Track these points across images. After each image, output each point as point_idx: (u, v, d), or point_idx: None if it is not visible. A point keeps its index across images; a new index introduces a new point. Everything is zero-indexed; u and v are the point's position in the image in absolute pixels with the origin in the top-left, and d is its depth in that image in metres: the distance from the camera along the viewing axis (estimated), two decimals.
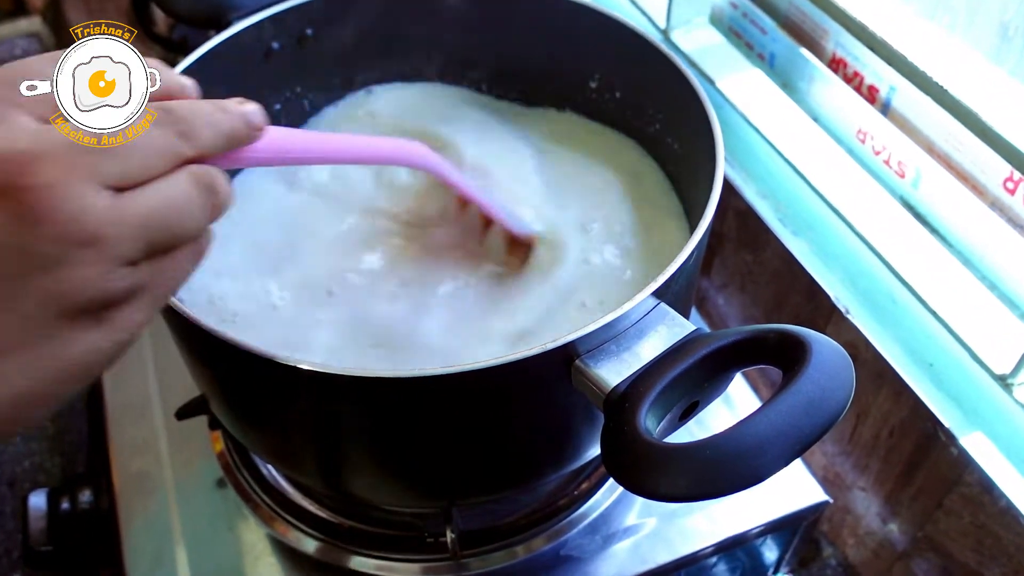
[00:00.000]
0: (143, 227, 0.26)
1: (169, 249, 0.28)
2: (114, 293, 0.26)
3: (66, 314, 0.26)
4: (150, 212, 0.26)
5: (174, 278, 0.29)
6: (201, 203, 0.28)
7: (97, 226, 0.25)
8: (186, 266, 0.29)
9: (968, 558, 0.55)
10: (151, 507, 0.57)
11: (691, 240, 0.40)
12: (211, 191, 0.29)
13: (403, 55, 0.62)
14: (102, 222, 0.25)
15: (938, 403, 0.54)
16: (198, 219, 0.28)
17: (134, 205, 0.26)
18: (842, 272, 0.61)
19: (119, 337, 0.27)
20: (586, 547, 0.54)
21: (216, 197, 0.29)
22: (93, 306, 0.26)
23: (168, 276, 0.28)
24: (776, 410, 0.32)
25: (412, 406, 0.39)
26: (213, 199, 0.29)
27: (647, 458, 0.32)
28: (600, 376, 0.37)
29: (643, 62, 0.53)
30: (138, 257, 0.26)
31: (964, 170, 0.56)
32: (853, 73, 0.63)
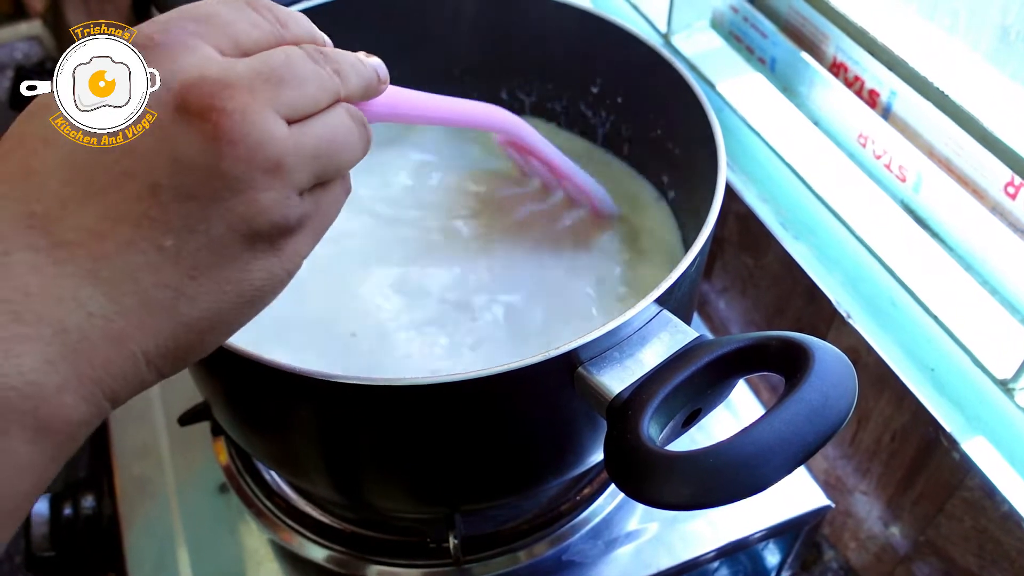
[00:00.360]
0: (314, 156, 0.28)
1: (329, 180, 0.30)
2: (290, 220, 0.28)
3: (250, 239, 0.27)
4: (319, 142, 0.28)
5: (330, 211, 0.30)
6: (358, 136, 0.30)
7: (281, 152, 0.26)
8: (339, 199, 0.31)
9: (970, 563, 0.55)
10: (153, 512, 0.57)
11: (694, 246, 0.41)
12: (364, 126, 0.31)
13: (404, 61, 0.61)
14: (285, 149, 0.26)
15: (940, 408, 0.54)
16: (356, 150, 0.30)
17: (307, 135, 0.28)
18: (843, 276, 0.61)
19: (289, 266, 0.29)
20: (588, 552, 0.54)
21: (368, 131, 0.31)
22: (273, 232, 0.27)
23: (326, 208, 0.30)
24: (779, 418, 0.32)
25: (415, 413, 0.39)
26: (366, 134, 0.31)
27: (650, 466, 0.32)
28: (603, 383, 0.37)
29: (644, 67, 0.53)
30: (308, 186, 0.28)
31: (965, 174, 0.56)
32: (854, 77, 0.63)
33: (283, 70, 0.27)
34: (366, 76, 0.32)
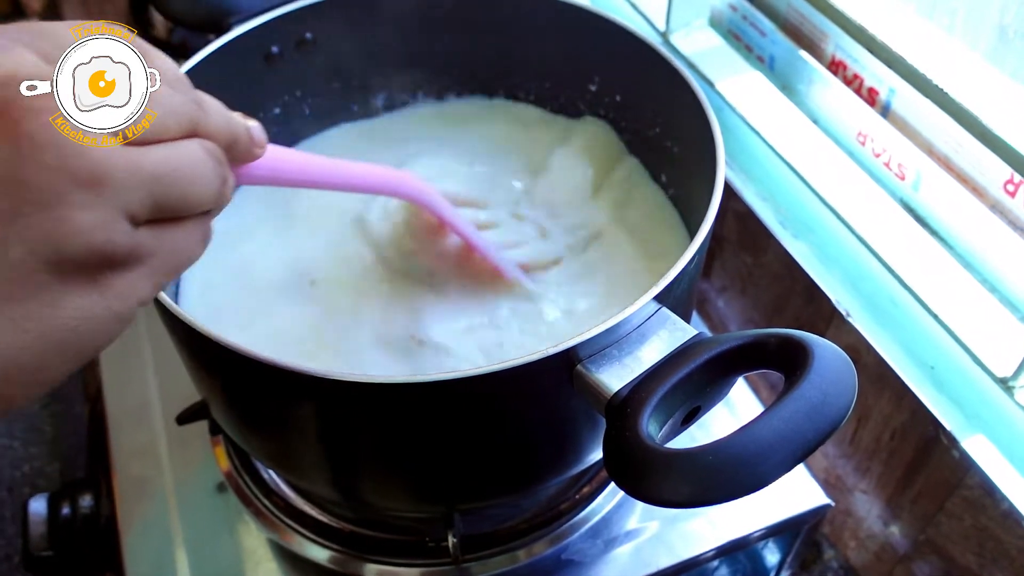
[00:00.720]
0: (153, 179, 0.24)
1: (177, 216, 0.26)
2: (114, 249, 0.24)
3: (59, 266, 0.23)
4: (161, 166, 0.25)
5: (180, 252, 0.27)
6: (213, 172, 0.27)
7: (105, 165, 0.23)
8: (193, 243, 0.27)
9: (970, 561, 0.55)
10: (152, 512, 0.56)
11: (692, 244, 0.40)
12: (221, 164, 0.27)
13: (401, 60, 0.62)
14: (110, 163, 0.23)
15: (939, 406, 0.54)
16: (209, 188, 0.27)
17: (145, 155, 0.24)
18: (843, 275, 0.61)
19: (116, 307, 0.24)
20: (587, 551, 0.54)
21: (226, 172, 0.28)
22: (90, 261, 0.23)
23: (174, 249, 0.26)
24: (778, 415, 0.32)
25: (413, 411, 0.39)
26: (222, 173, 0.28)
27: (649, 464, 0.32)
28: (602, 381, 0.37)
29: (642, 65, 0.53)
30: (144, 215, 0.24)
31: (964, 172, 0.56)
32: (853, 75, 0.63)
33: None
34: (234, 126, 0.29)
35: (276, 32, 0.55)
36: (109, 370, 0.64)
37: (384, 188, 0.44)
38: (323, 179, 0.39)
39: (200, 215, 0.27)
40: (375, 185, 0.44)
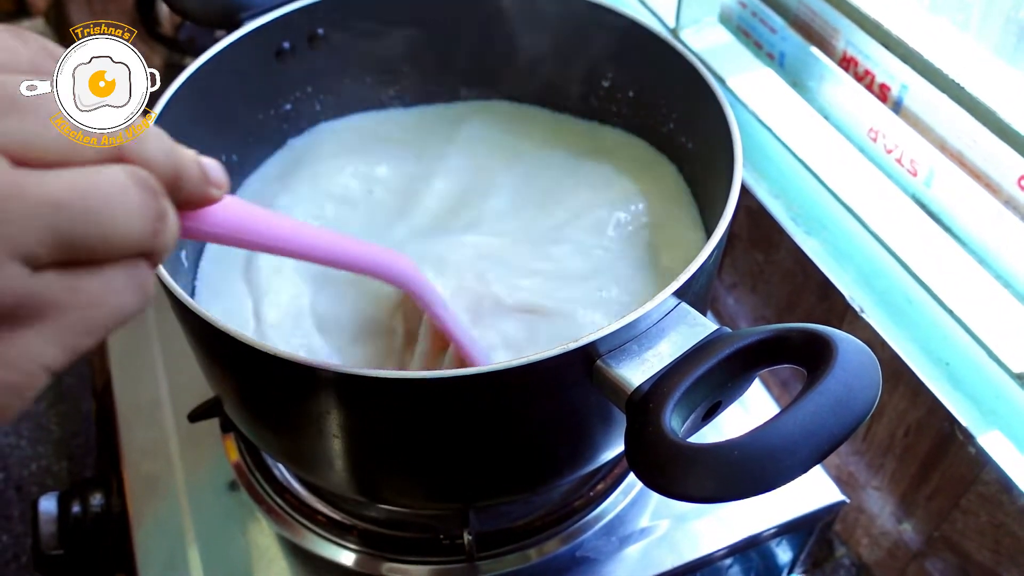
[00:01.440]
0: (54, 210, 0.19)
1: (94, 259, 0.21)
2: (3, 300, 0.19)
3: None
4: (65, 193, 0.20)
5: (101, 304, 0.21)
6: (140, 204, 0.21)
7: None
8: (120, 294, 0.21)
9: (985, 558, 0.55)
10: (163, 510, 0.56)
11: (711, 239, 0.40)
12: (153, 196, 0.22)
13: (411, 55, 0.61)
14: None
15: (955, 402, 0.53)
16: (136, 223, 0.21)
17: (44, 181, 0.19)
18: (856, 271, 0.61)
19: (12, 375, 0.19)
20: (602, 549, 0.54)
21: (162, 205, 0.22)
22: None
23: (92, 299, 0.20)
24: (803, 410, 0.32)
25: (431, 407, 0.39)
26: (157, 207, 0.22)
27: (674, 459, 0.32)
28: (622, 376, 0.36)
29: (656, 60, 0.53)
30: (44, 255, 0.19)
31: (978, 168, 0.55)
32: (864, 72, 0.63)
33: (24, 98, 0.20)
34: (178, 158, 0.24)
35: (288, 28, 0.55)
36: (118, 367, 0.64)
37: (373, 270, 0.39)
38: (301, 249, 0.34)
39: (130, 259, 0.21)
40: (363, 265, 0.38)
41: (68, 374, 0.93)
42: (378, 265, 0.39)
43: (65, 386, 0.92)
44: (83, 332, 0.21)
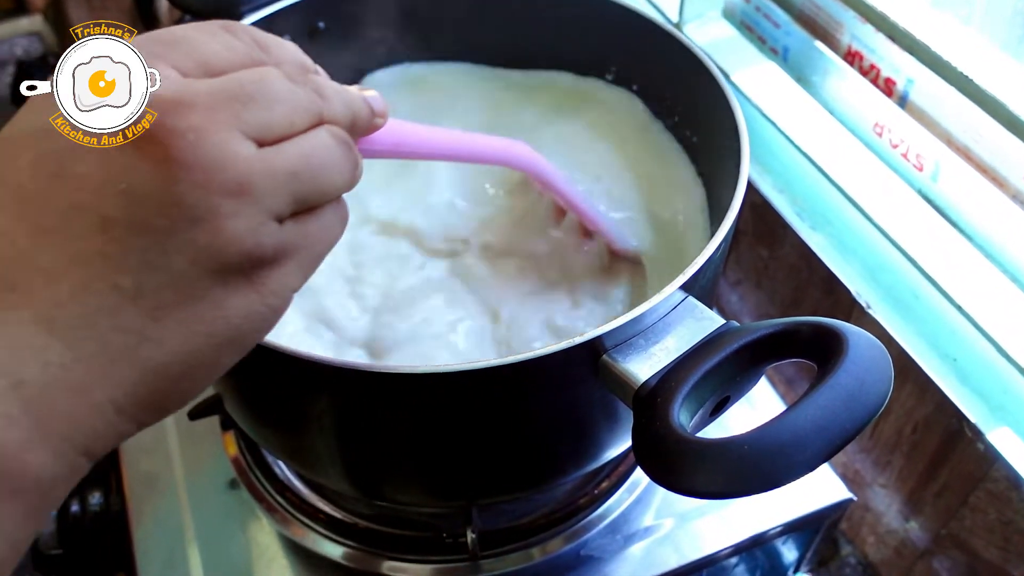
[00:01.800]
0: (291, 178, 0.26)
1: (315, 206, 0.27)
2: (264, 250, 0.25)
3: (218, 272, 0.25)
4: (296, 163, 0.26)
5: (322, 240, 0.28)
6: (343, 157, 0.28)
7: (246, 174, 0.24)
8: (332, 228, 0.28)
9: (994, 556, 0.54)
10: (162, 509, 0.56)
11: (719, 231, 0.40)
12: (350, 148, 0.29)
13: (414, 50, 0.61)
14: (251, 171, 0.24)
15: (963, 398, 0.53)
16: (342, 173, 0.28)
17: (280, 156, 0.26)
18: (862, 267, 0.60)
19: (272, 301, 0.26)
20: (606, 547, 0.53)
21: (356, 154, 0.29)
22: (246, 263, 0.25)
23: (316, 237, 0.28)
24: (815, 404, 0.31)
25: (435, 403, 0.38)
26: (352, 156, 0.29)
27: (684, 454, 0.31)
28: (629, 371, 0.36)
29: (661, 53, 0.52)
30: (286, 212, 0.26)
31: (985, 163, 0.55)
32: (869, 66, 0.62)
33: (251, 88, 0.25)
34: (353, 104, 0.30)
35: (288, 21, 0.55)
36: None
37: (498, 158, 0.45)
38: (442, 150, 0.40)
39: (335, 201, 0.29)
40: (490, 155, 0.44)
41: None
42: (503, 153, 0.44)
43: None
44: (313, 261, 0.28)
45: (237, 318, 0.25)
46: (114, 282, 0.23)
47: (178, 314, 0.24)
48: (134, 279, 0.24)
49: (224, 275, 0.25)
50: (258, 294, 0.26)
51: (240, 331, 0.26)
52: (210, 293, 0.25)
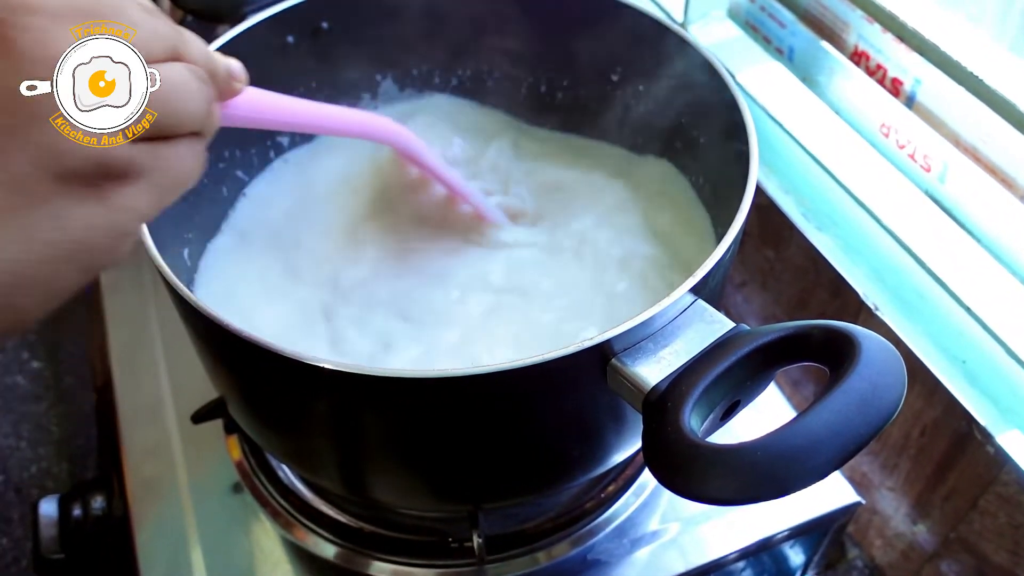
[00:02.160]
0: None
1: (168, 134, 0.27)
2: (112, 159, 0.24)
3: (60, 176, 0.23)
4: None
5: (176, 170, 0.27)
6: (199, 91, 0.28)
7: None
8: (188, 163, 0.28)
9: (1003, 559, 0.54)
10: (165, 513, 0.55)
11: (728, 234, 0.39)
12: (205, 83, 0.28)
13: (416, 51, 0.60)
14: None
15: (973, 401, 0.52)
16: (197, 106, 0.28)
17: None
18: (869, 268, 0.60)
19: (119, 219, 0.25)
20: (613, 552, 0.53)
21: (211, 93, 0.29)
22: (89, 170, 0.24)
23: (170, 166, 0.27)
24: (828, 408, 0.31)
25: (440, 407, 0.38)
26: (208, 93, 0.28)
27: (695, 460, 0.31)
28: (638, 375, 0.35)
29: (666, 53, 0.52)
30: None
31: (993, 163, 0.54)
32: (876, 66, 0.62)
33: (106, 8, 0.25)
34: (212, 57, 0.30)
35: (291, 22, 0.54)
36: (120, 367, 0.63)
37: (365, 132, 0.45)
38: (305, 121, 0.40)
39: (191, 136, 0.28)
40: (356, 129, 0.44)
41: (68, 374, 0.92)
42: (368, 127, 0.45)
43: (65, 387, 0.91)
44: (165, 190, 0.27)
45: (79, 231, 0.24)
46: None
47: (14, 219, 0.23)
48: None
49: (67, 181, 0.24)
50: (104, 208, 0.25)
51: (84, 246, 0.25)
52: (51, 199, 0.24)
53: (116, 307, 0.67)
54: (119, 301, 0.68)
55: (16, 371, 0.93)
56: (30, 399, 0.90)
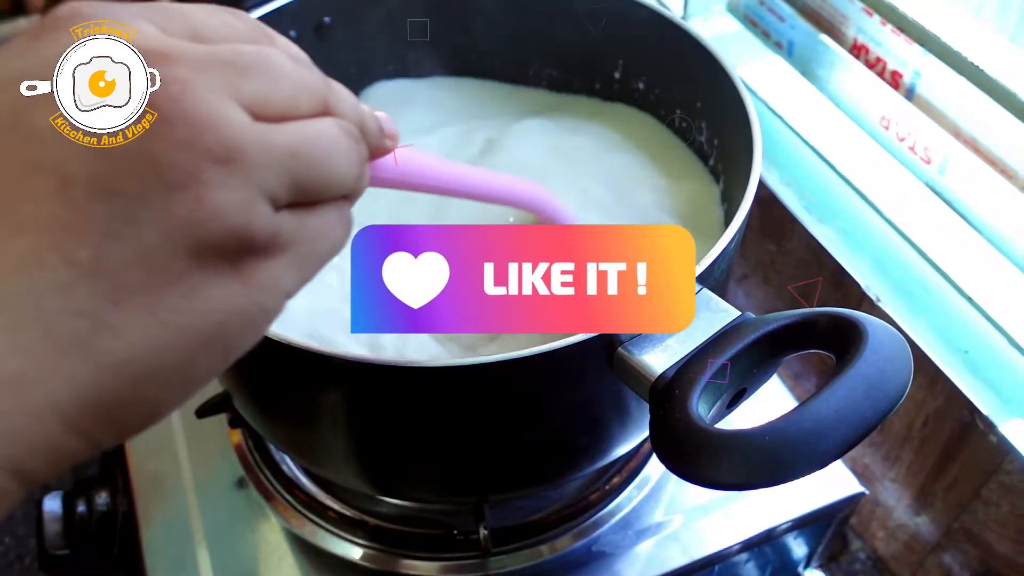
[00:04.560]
0: (289, 157, 0.22)
1: (316, 199, 0.24)
2: (255, 233, 0.21)
3: (197, 252, 0.21)
4: (297, 142, 0.23)
5: (324, 239, 0.24)
6: (350, 149, 0.25)
7: (238, 140, 0.21)
8: (334, 229, 0.25)
9: (1007, 548, 0.54)
10: (170, 509, 0.55)
11: (732, 223, 0.40)
12: (358, 144, 0.25)
13: (418, 45, 0.60)
14: (244, 138, 0.21)
15: (975, 390, 0.53)
16: (348, 166, 0.25)
17: (279, 131, 0.22)
18: (871, 260, 0.60)
19: (260, 299, 0.22)
20: (618, 544, 0.53)
21: (363, 151, 0.26)
22: (230, 245, 0.21)
23: (318, 235, 0.24)
24: (836, 394, 0.31)
25: (448, 397, 0.38)
26: (361, 153, 0.26)
27: (704, 446, 0.31)
28: (645, 363, 0.36)
29: (668, 45, 0.52)
30: (282, 197, 0.22)
31: (993, 155, 0.55)
32: (876, 59, 0.62)
33: (251, 58, 0.22)
34: (363, 112, 0.27)
35: (294, 17, 0.54)
36: None
37: (513, 199, 0.43)
38: (452, 185, 0.37)
39: (339, 200, 0.25)
40: (505, 195, 0.42)
41: None
42: (518, 194, 0.43)
43: None
44: (312, 263, 0.24)
45: (216, 312, 0.21)
46: (69, 254, 0.19)
47: (144, 299, 0.20)
48: (93, 252, 0.20)
49: (204, 257, 0.21)
50: (244, 287, 0.22)
51: (219, 329, 0.22)
52: (185, 277, 0.21)
53: None
54: None
55: None
56: None
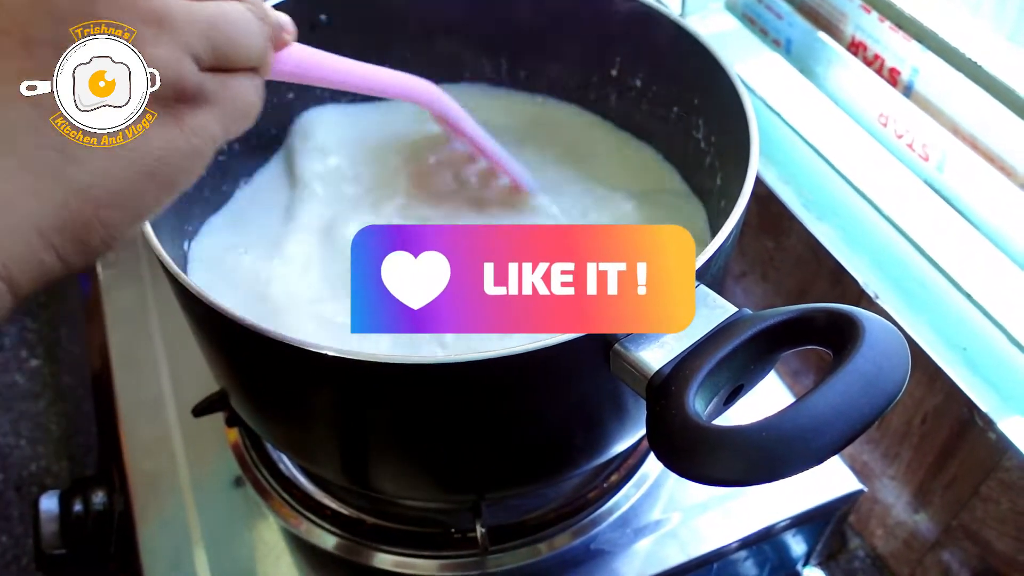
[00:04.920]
0: (208, 26, 0.27)
1: (232, 66, 0.29)
2: (185, 84, 0.26)
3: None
4: (214, 15, 0.27)
5: (241, 99, 0.29)
6: (258, 28, 0.30)
7: (166, 7, 0.26)
8: (248, 92, 0.30)
9: (1007, 546, 0.54)
10: (167, 508, 0.55)
11: (730, 219, 0.39)
12: (265, 23, 0.30)
13: (415, 44, 0.60)
14: (170, 6, 0.26)
15: (974, 387, 0.52)
16: (257, 40, 0.29)
17: (201, 7, 0.27)
18: (870, 257, 0.60)
19: (193, 140, 0.27)
20: (616, 541, 0.53)
21: (268, 30, 0.30)
22: (165, 93, 0.26)
23: (235, 95, 0.29)
24: (833, 389, 0.31)
25: (445, 394, 0.38)
26: (266, 31, 0.30)
27: (701, 442, 0.31)
28: (641, 359, 0.35)
29: (666, 42, 0.52)
30: (204, 59, 0.27)
31: (992, 152, 0.55)
32: (874, 56, 0.62)
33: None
34: (267, 8, 0.31)
35: (290, 14, 0.54)
36: (119, 361, 0.63)
37: (404, 93, 0.46)
38: (347, 78, 0.41)
39: (251, 71, 0.30)
40: (396, 89, 0.45)
41: (67, 372, 0.92)
42: (409, 89, 0.46)
43: (64, 385, 0.90)
44: (233, 119, 0.29)
45: (159, 150, 0.26)
46: (35, 100, 0.24)
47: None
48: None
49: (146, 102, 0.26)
50: (180, 130, 0.27)
51: (164, 164, 0.26)
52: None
53: (115, 304, 0.67)
54: (118, 297, 0.67)
55: (15, 369, 0.92)
56: (29, 397, 0.90)
